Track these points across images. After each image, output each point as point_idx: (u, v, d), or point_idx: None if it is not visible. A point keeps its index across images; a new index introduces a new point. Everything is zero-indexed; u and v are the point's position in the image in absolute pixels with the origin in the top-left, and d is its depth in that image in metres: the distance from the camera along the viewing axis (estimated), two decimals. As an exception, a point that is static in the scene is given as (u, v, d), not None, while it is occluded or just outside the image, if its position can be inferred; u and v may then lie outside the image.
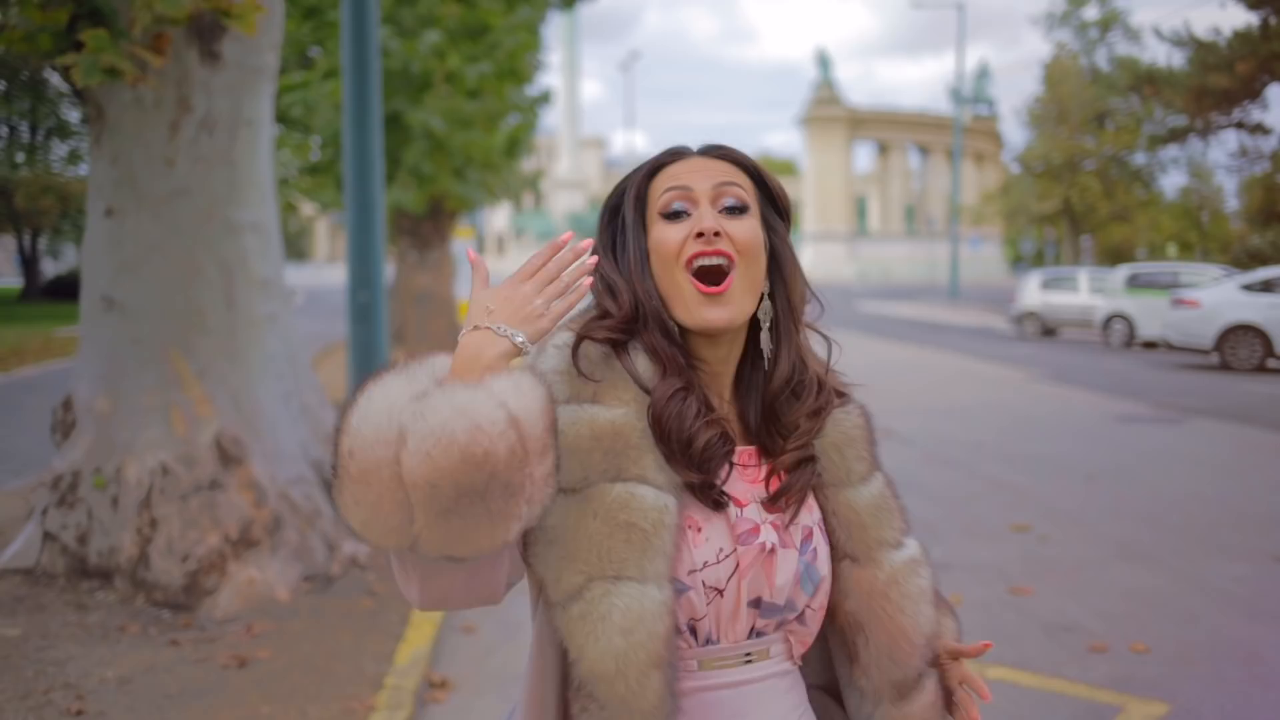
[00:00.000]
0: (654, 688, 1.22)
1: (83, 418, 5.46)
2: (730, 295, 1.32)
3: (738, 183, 1.37)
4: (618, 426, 1.29)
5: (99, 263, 5.46)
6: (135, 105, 5.29)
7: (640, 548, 1.24)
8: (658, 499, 1.27)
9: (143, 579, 5.03)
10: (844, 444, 1.41)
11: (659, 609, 1.23)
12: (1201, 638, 4.73)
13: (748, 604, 1.32)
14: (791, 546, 1.34)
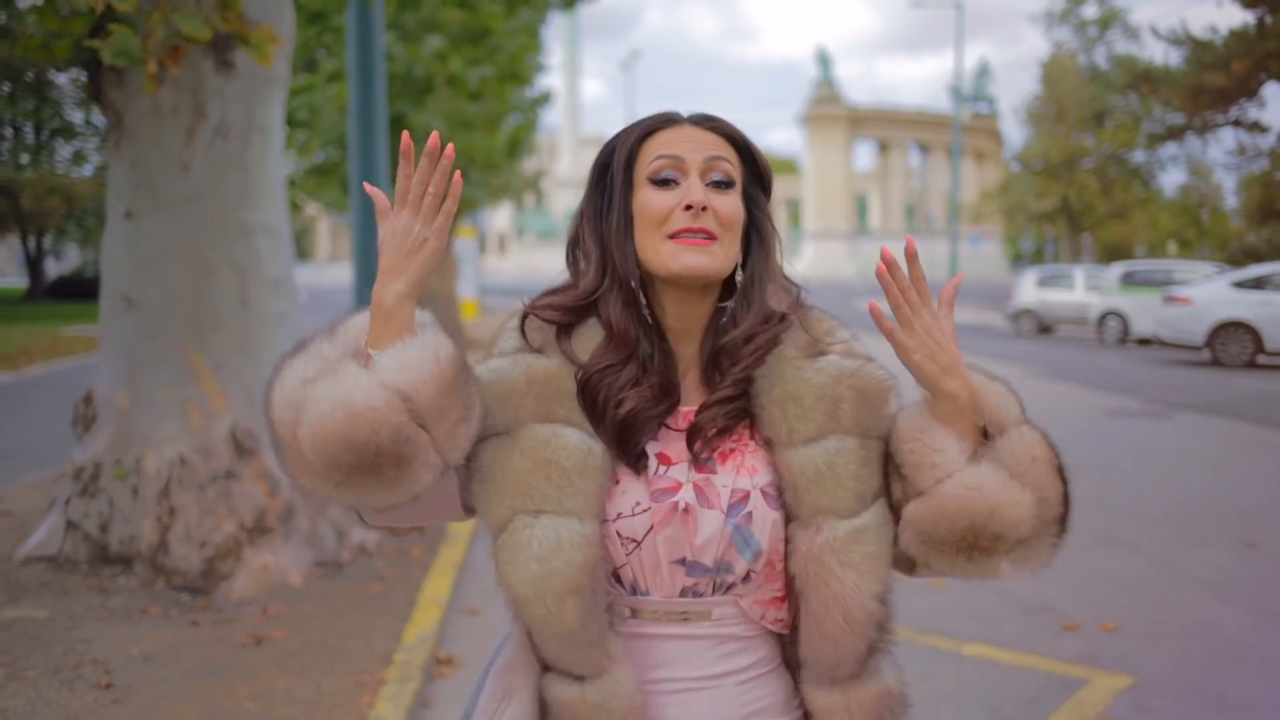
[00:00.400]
0: (571, 611, 1.28)
1: (103, 412, 5.69)
2: (712, 250, 1.35)
3: (726, 158, 1.40)
4: (551, 372, 1.37)
5: (118, 263, 5.69)
6: (153, 112, 5.53)
7: (559, 484, 1.31)
8: (582, 440, 1.33)
9: (162, 564, 5.27)
10: (786, 400, 1.37)
11: (577, 539, 1.29)
12: (1170, 618, 4.97)
13: (672, 562, 1.34)
14: (715, 507, 1.34)
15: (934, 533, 1.31)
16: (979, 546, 1.32)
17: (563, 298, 1.42)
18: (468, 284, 23.93)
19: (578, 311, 1.41)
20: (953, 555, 1.33)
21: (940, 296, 1.36)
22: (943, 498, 1.30)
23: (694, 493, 1.34)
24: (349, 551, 5.77)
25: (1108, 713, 3.93)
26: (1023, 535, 1.32)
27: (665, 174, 1.38)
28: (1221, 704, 4.00)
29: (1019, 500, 1.31)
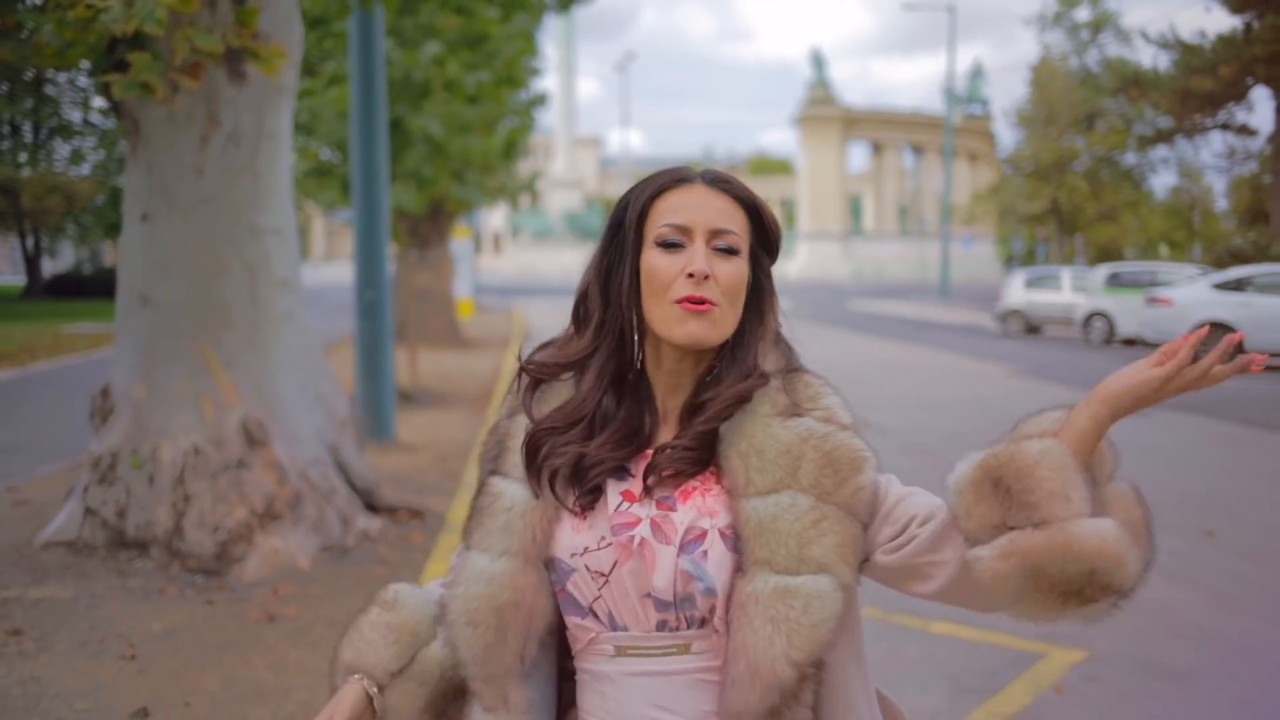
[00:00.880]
0: (469, 643, 1.40)
1: (120, 404, 5.99)
2: (713, 316, 1.39)
3: (733, 228, 1.42)
4: (507, 431, 1.50)
5: (135, 263, 5.99)
6: (168, 120, 5.82)
7: (477, 523, 1.45)
8: (501, 485, 1.46)
9: (177, 548, 5.57)
10: (750, 453, 1.39)
11: (480, 572, 1.41)
12: (1126, 599, 5.29)
13: (641, 595, 1.38)
14: (670, 543, 1.37)
15: (1047, 568, 1.26)
16: (1084, 594, 1.27)
17: (554, 355, 1.50)
18: (464, 283, 24.22)
19: (566, 369, 1.49)
20: (1050, 596, 1.27)
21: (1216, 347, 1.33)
22: (1072, 537, 1.25)
23: (650, 528, 1.37)
24: (353, 537, 6.08)
25: (1061, 683, 4.25)
26: (1126, 592, 1.28)
27: (671, 239, 1.41)
28: (1165, 674, 4.32)
29: (1137, 558, 1.28)
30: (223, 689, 4.06)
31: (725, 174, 1.47)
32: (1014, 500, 1.29)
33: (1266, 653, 4.63)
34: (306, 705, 3.92)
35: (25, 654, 4.37)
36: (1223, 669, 4.39)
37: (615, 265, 1.46)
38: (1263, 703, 4.08)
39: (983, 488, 1.32)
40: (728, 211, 1.43)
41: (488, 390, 13.35)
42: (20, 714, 3.79)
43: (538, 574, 1.41)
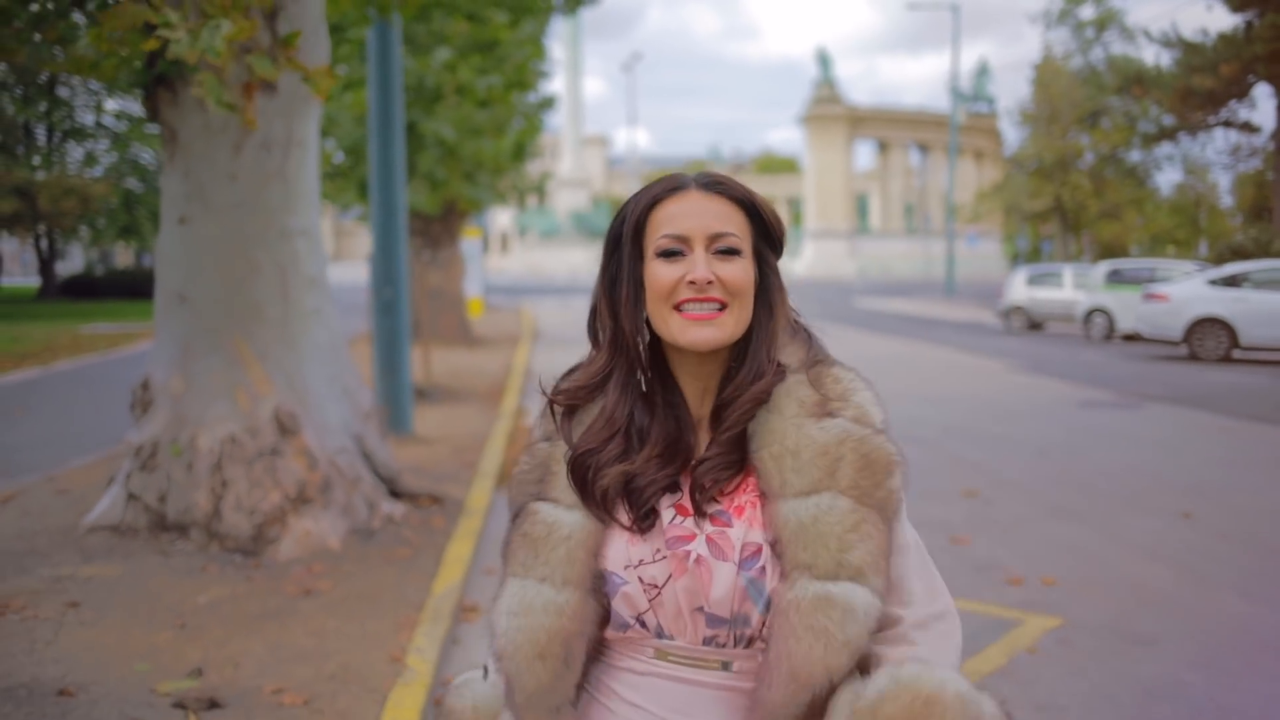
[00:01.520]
0: (539, 675, 1.39)
1: (159, 396, 6.37)
2: (719, 321, 1.40)
3: (732, 230, 1.41)
4: (547, 455, 1.49)
5: (172, 263, 6.37)
6: (204, 129, 6.21)
7: (530, 554, 1.42)
8: (555, 514, 1.44)
9: (216, 530, 5.96)
10: (784, 455, 1.39)
11: (548, 604, 1.39)
12: (1102, 574, 5.66)
13: (692, 610, 1.37)
14: (728, 559, 1.36)
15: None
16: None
17: (578, 379, 1.51)
18: (473, 283, 24.60)
19: (592, 390, 1.50)
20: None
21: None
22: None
23: (706, 545, 1.37)
24: (379, 520, 6.46)
25: (1034, 645, 4.61)
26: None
27: (670, 248, 1.41)
28: (1131, 638, 4.69)
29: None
30: (268, 652, 4.44)
31: (718, 176, 1.46)
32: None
33: (1228, 620, 4.99)
34: (345, 665, 4.30)
35: (84, 623, 4.75)
36: (1185, 634, 4.76)
37: (617, 279, 1.47)
38: (1218, 662, 4.45)
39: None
40: (724, 214, 1.42)
41: (499, 387, 13.73)
42: (86, 673, 4.18)
43: (596, 602, 1.42)
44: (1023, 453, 9.06)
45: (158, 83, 6.25)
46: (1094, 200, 45.50)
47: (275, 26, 5.97)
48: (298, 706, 3.92)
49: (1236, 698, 4.10)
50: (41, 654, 4.38)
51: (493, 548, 6.37)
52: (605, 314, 1.48)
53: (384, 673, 4.25)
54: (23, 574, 5.45)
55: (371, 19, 9.07)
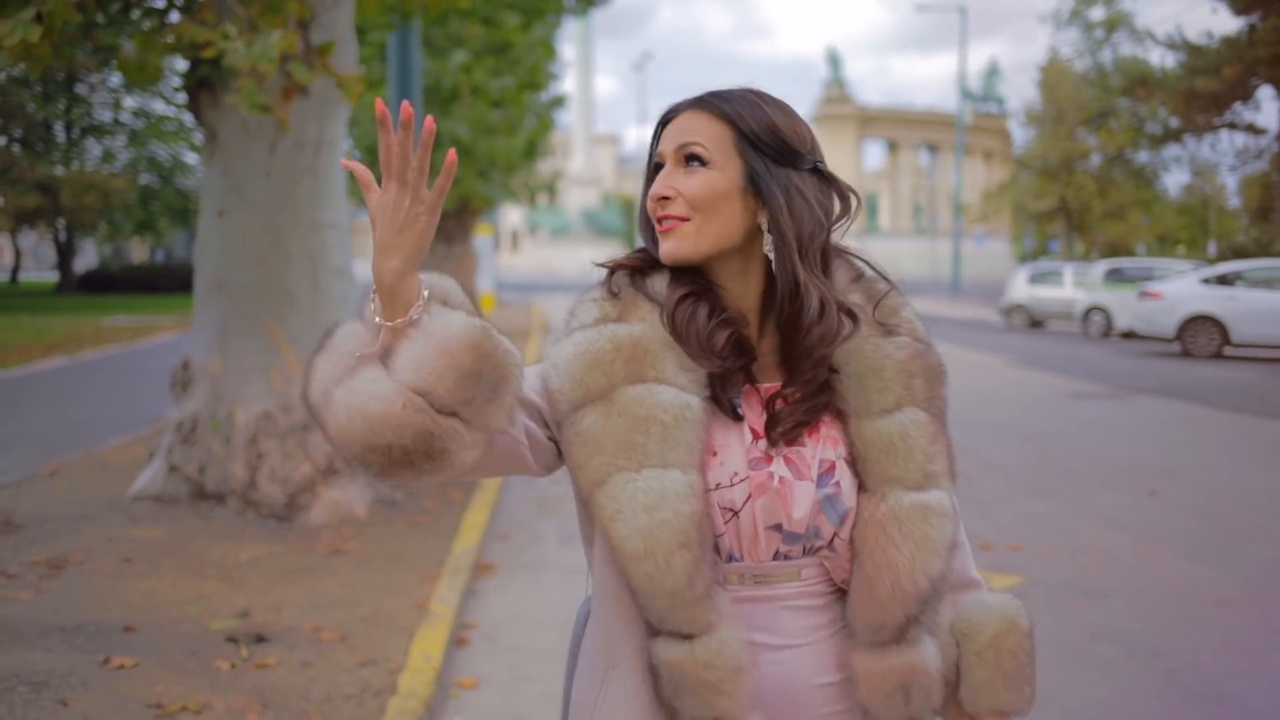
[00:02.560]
0: (680, 567, 1.30)
1: (198, 376, 6.89)
2: (680, 231, 1.39)
3: (697, 140, 1.40)
4: (635, 338, 1.39)
5: (211, 253, 6.89)
6: (242, 129, 6.72)
7: (660, 438, 1.33)
8: (678, 396, 1.36)
9: (252, 498, 6.48)
10: (865, 374, 1.41)
11: (684, 489, 1.31)
12: (1066, 541, 6.16)
13: (767, 528, 1.38)
14: (807, 478, 1.39)
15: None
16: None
17: (636, 255, 1.50)
18: (485, 279, 25.12)
19: (647, 264, 1.48)
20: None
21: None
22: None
23: (785, 465, 1.39)
24: (401, 492, 6.97)
25: (997, 600, 5.11)
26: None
27: (658, 164, 1.45)
28: (1084, 594, 5.19)
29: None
30: (305, 599, 4.96)
31: (711, 93, 1.46)
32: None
33: (1174, 579, 5.49)
34: (375, 610, 4.81)
35: (138, 575, 5.27)
36: (1133, 590, 5.25)
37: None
38: (1159, 613, 4.95)
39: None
40: (698, 127, 1.41)
41: (511, 377, 14.24)
42: (145, 614, 4.69)
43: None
44: (1009, 439, 9.54)
45: (200, 86, 6.76)
46: (1099, 201, 45.86)
47: (309, 35, 6.48)
48: (335, 642, 4.43)
49: (1170, 641, 4.60)
50: (104, 599, 4.90)
51: (506, 516, 6.89)
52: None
53: (410, 616, 4.76)
54: (77, 534, 5.97)
55: (393, 24, 9.60)
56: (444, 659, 4.31)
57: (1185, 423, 10.77)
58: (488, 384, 1.23)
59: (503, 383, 1.25)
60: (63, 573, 5.28)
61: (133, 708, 3.74)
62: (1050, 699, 4.02)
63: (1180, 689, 4.10)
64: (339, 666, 4.18)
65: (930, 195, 79.97)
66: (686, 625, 1.33)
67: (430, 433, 1.20)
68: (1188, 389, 13.32)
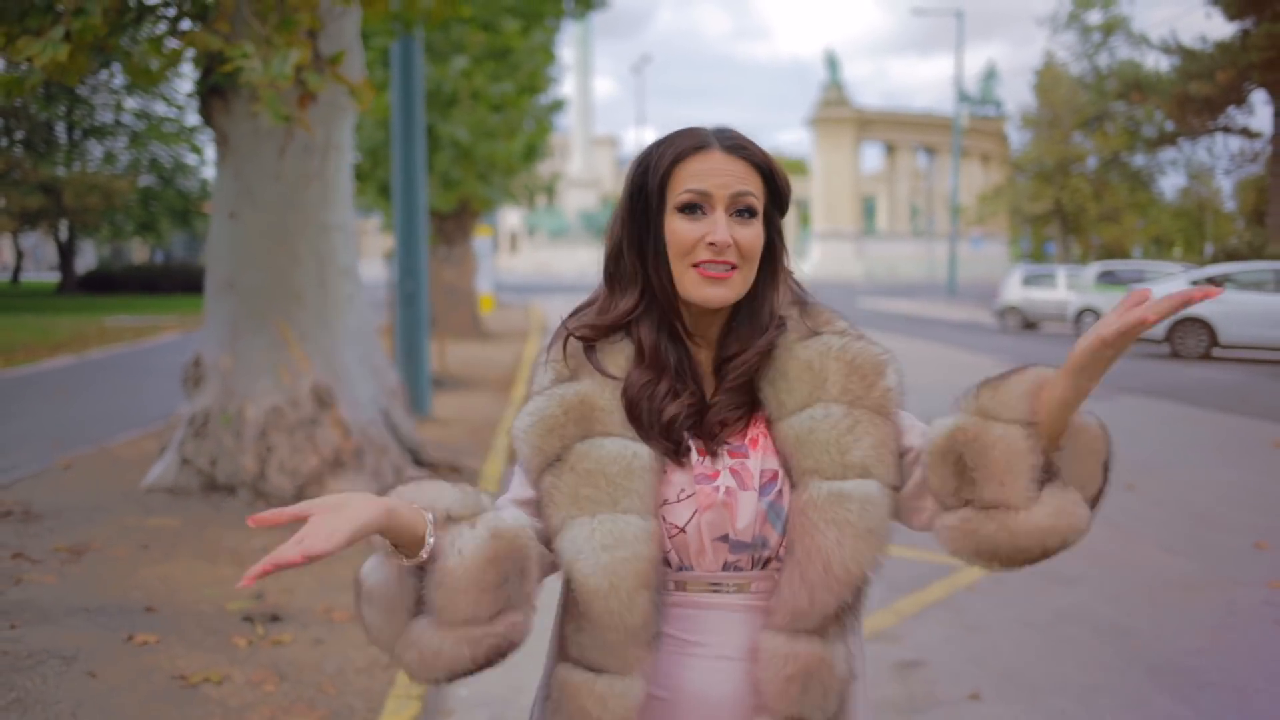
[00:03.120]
0: (641, 607, 1.38)
1: (209, 373, 7.15)
2: (730, 282, 1.45)
3: (751, 190, 1.46)
4: (583, 396, 1.47)
5: (222, 254, 7.15)
6: (253, 135, 6.98)
7: (608, 490, 1.41)
8: (624, 447, 1.44)
9: (262, 490, 6.74)
10: (776, 377, 1.48)
11: (640, 533, 1.39)
12: (1044, 532, 6.41)
13: (714, 539, 1.44)
14: (750, 488, 1.44)
15: (1000, 551, 1.39)
16: (1042, 558, 1.42)
17: (599, 318, 1.53)
18: (484, 279, 25.38)
19: (614, 329, 1.52)
20: (1010, 563, 1.42)
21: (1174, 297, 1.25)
22: (1016, 533, 1.37)
23: (731, 477, 1.45)
24: (405, 485, 7.23)
25: (974, 585, 5.37)
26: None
27: (693, 204, 1.45)
28: (1056, 579, 5.45)
29: (1085, 520, 1.41)
30: (316, 583, 5.22)
31: (739, 138, 1.50)
32: (965, 477, 1.39)
33: (1143, 566, 5.76)
34: (383, 593, 5.07)
35: (155, 560, 5.53)
36: (1102, 576, 5.52)
37: (644, 229, 1.50)
38: (1125, 596, 5.22)
39: (947, 457, 1.41)
40: (744, 175, 1.47)
41: (509, 377, 14.50)
42: (164, 595, 4.95)
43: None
44: (994, 436, 9.79)
45: (212, 93, 7.02)
46: (1093, 204, 46.17)
47: (318, 45, 6.74)
48: (346, 621, 4.69)
49: (1134, 622, 4.87)
50: (124, 582, 5.16)
51: (506, 508, 7.15)
52: (634, 260, 1.51)
53: (416, 598, 5.02)
54: (94, 523, 6.23)
55: (396, 32, 9.87)
56: (448, 637, 4.57)
57: (1167, 421, 11.04)
58: (515, 572, 1.35)
59: (526, 560, 1.37)
60: (83, 558, 5.54)
61: (157, 679, 4.00)
62: (1016, 673, 4.28)
63: (1140, 664, 4.37)
64: (350, 643, 4.44)
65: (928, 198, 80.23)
66: (609, 662, 1.41)
67: (494, 643, 1.34)
68: (1174, 389, 13.59)
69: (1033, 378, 1.42)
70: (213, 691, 3.91)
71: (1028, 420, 1.38)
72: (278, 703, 3.84)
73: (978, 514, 1.39)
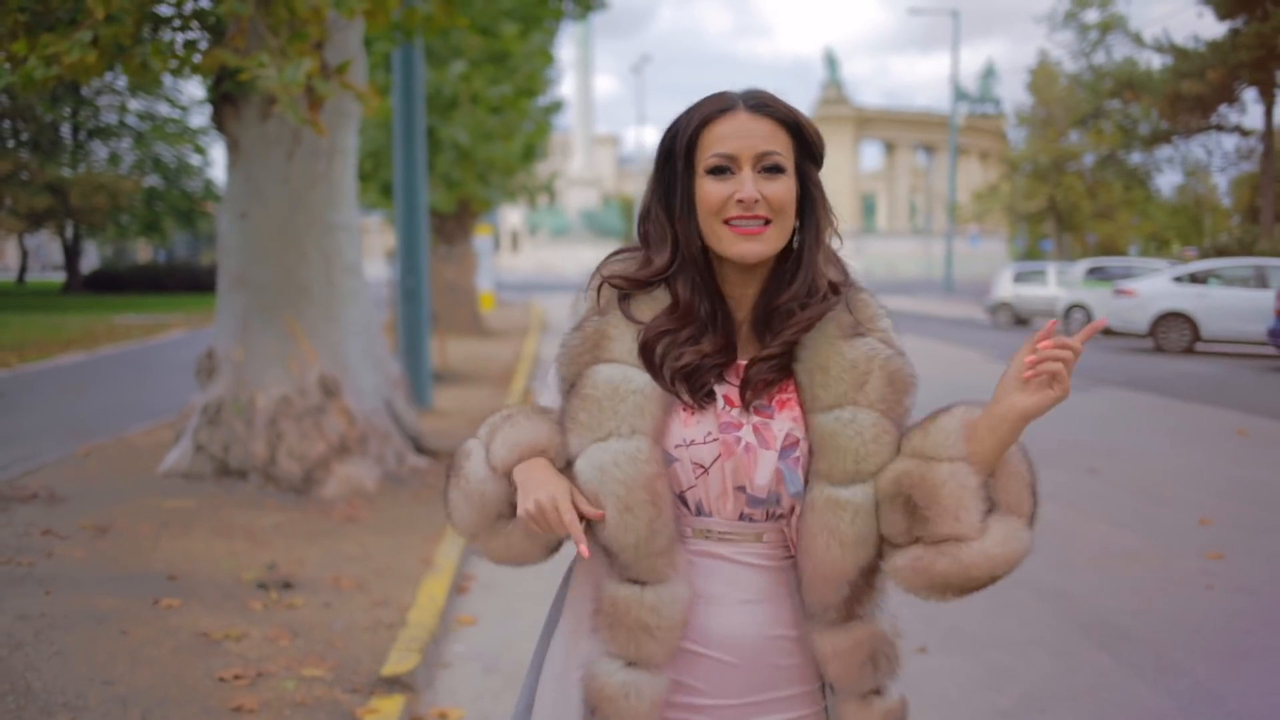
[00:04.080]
0: (631, 528, 1.48)
1: (222, 364, 7.57)
2: (764, 236, 1.50)
3: (777, 149, 1.52)
4: (600, 325, 1.57)
5: (233, 252, 7.57)
6: (262, 139, 7.41)
7: (598, 411, 1.51)
8: (622, 371, 1.52)
9: (272, 474, 7.16)
10: (815, 369, 1.52)
11: (617, 456, 1.49)
12: (1005, 510, 6.83)
13: (735, 488, 1.51)
14: (770, 448, 1.51)
15: (951, 583, 1.49)
16: (988, 584, 1.50)
17: (636, 271, 1.61)
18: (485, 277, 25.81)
19: (649, 284, 1.59)
20: (960, 594, 1.53)
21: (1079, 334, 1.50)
22: (967, 565, 1.47)
23: (753, 433, 1.51)
24: (407, 470, 7.66)
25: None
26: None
27: (721, 166, 1.51)
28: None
29: (1029, 542, 1.52)
30: (324, 556, 5.65)
31: (765, 96, 1.56)
32: (917, 516, 1.47)
33: (1092, 539, 6.20)
34: (387, 565, 5.50)
35: (175, 536, 5.96)
36: (1052, 547, 5.94)
37: (671, 190, 1.56)
38: (1070, 565, 5.66)
39: (895, 501, 1.49)
40: (770, 134, 1.52)
41: (509, 372, 14.92)
42: (184, 567, 5.38)
43: (663, 452, 1.53)
44: (972, 425, 10.21)
45: (223, 100, 7.45)
46: (1087, 201, 46.57)
47: (324, 55, 7.15)
48: (352, 588, 5.13)
49: (1075, 587, 5.31)
50: (147, 555, 5.59)
51: (502, 491, 7.57)
52: (664, 221, 1.58)
53: (417, 569, 5.46)
54: (116, 505, 6.65)
55: (397, 40, 10.29)
56: (447, 601, 5.01)
57: (1139, 410, 11.48)
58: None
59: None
60: (108, 535, 5.96)
61: (183, 636, 4.43)
62: (961, 630, 4.71)
63: (1074, 622, 4.81)
64: (356, 607, 4.87)
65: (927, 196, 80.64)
66: (646, 574, 1.51)
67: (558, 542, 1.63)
68: (1151, 381, 14.02)
69: (961, 417, 1.53)
70: (233, 646, 4.34)
71: (966, 458, 1.49)
72: (292, 655, 4.26)
73: (929, 550, 1.48)
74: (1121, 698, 4.03)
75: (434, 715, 3.99)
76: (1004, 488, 1.52)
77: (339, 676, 4.07)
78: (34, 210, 34.71)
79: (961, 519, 1.46)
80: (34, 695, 3.69)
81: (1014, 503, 1.53)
